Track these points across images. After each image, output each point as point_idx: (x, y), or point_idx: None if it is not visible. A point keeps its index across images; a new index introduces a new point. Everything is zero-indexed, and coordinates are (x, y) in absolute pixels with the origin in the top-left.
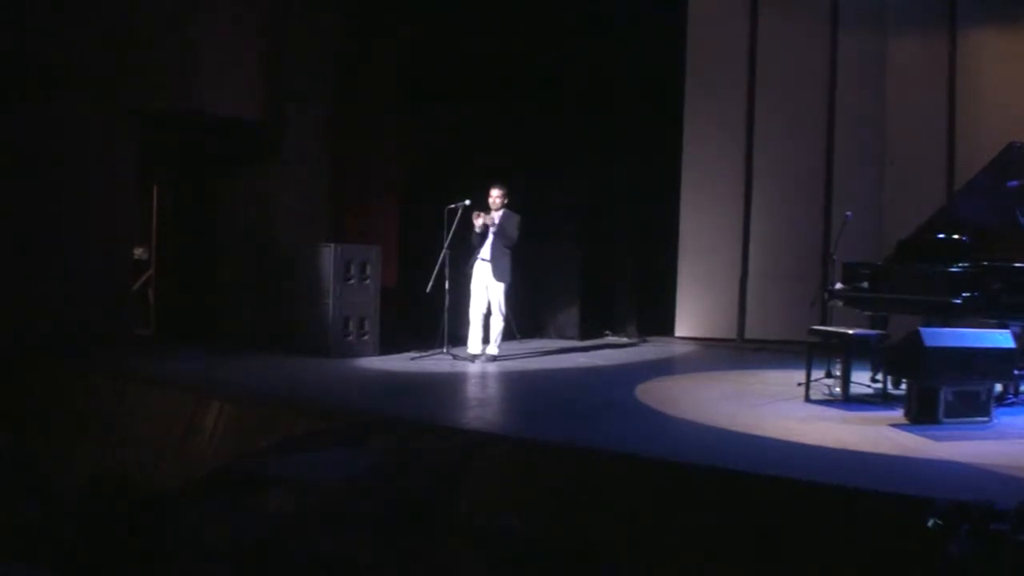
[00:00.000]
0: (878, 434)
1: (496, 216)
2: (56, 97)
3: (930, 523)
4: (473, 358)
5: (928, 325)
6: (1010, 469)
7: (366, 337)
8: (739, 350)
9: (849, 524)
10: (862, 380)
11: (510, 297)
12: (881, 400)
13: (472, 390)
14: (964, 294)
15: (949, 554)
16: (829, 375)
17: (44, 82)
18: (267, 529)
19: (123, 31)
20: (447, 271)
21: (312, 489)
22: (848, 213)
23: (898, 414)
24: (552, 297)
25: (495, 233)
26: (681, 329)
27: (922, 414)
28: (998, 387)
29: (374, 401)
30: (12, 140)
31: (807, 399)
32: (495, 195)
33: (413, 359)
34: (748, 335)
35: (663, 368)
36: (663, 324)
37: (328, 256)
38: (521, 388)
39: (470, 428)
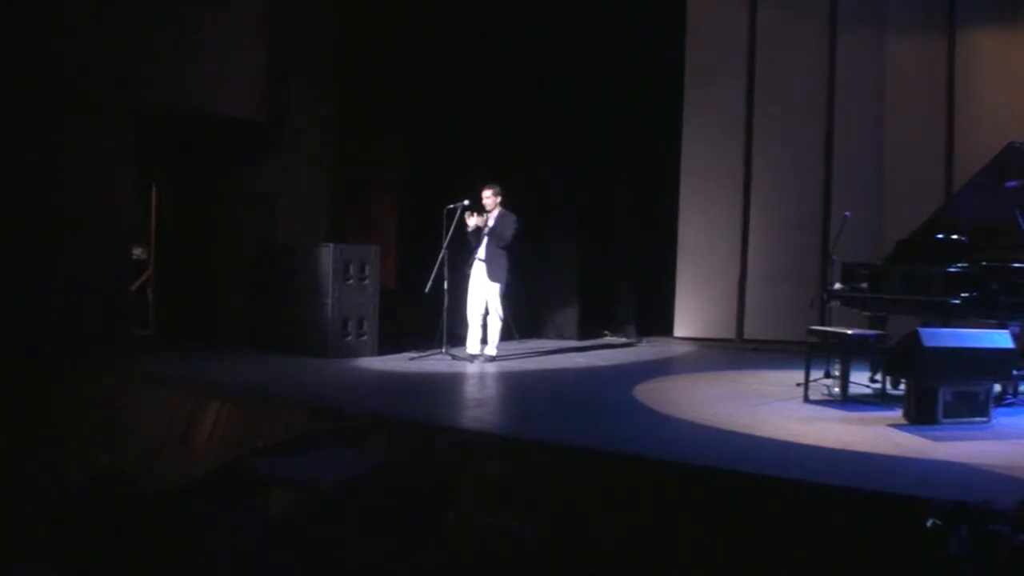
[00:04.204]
0: (877, 434)
1: (492, 217)
2: (56, 97)
3: (929, 523)
4: (472, 358)
5: (927, 325)
6: (1009, 469)
7: (365, 337)
8: (738, 350)
9: (848, 524)
10: (861, 380)
11: (506, 297)
12: (880, 400)
13: (470, 390)
14: (963, 294)
15: (948, 554)
16: (828, 375)
17: (44, 82)
18: (267, 529)
19: (123, 31)
20: (446, 271)
21: (312, 489)
22: (847, 213)
23: (897, 414)
24: (551, 297)
25: (488, 234)
26: (680, 329)
27: (921, 414)
28: (997, 387)
29: (373, 401)
30: (11, 140)
31: (806, 399)
32: (486, 195)
33: (412, 359)
34: (747, 335)
35: (662, 368)
36: (662, 324)
37: (327, 256)
38: (519, 388)
39: (468, 428)
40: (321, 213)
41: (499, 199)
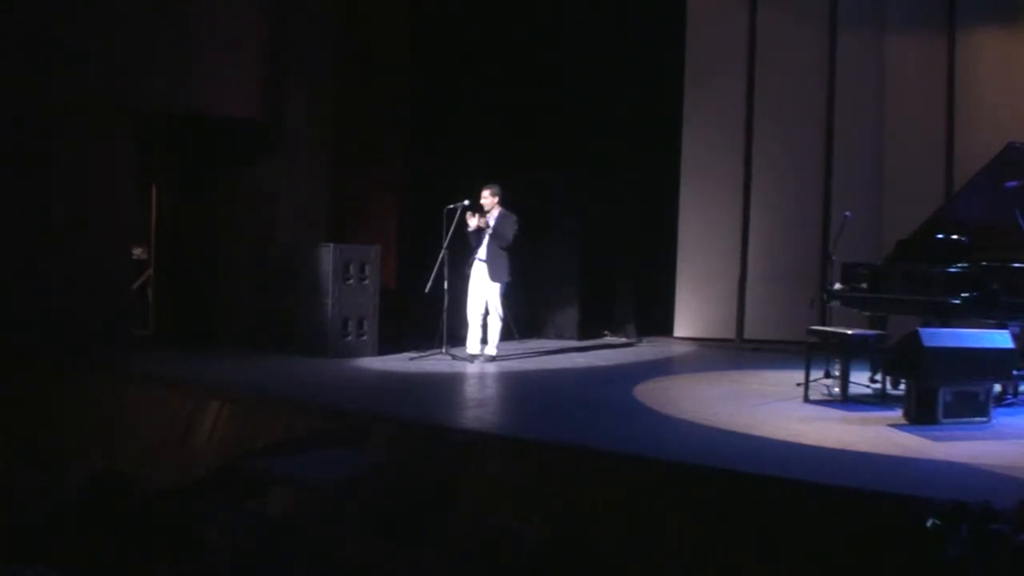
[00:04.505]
0: (877, 434)
1: (492, 217)
2: (56, 97)
3: (929, 523)
4: (472, 358)
5: (927, 325)
6: (1009, 469)
7: (365, 337)
8: (738, 350)
9: (849, 524)
10: (861, 380)
11: (507, 297)
12: (880, 400)
13: (471, 390)
14: (963, 294)
15: (948, 554)
16: (828, 375)
17: (44, 82)
18: (267, 529)
19: (123, 31)
20: (446, 271)
21: (312, 489)
22: (848, 213)
23: (897, 414)
24: (551, 297)
25: (489, 234)
26: (680, 329)
27: (921, 414)
28: (997, 387)
29: (373, 401)
30: (11, 139)
31: (806, 399)
32: (485, 195)
33: (412, 359)
34: (747, 335)
35: (662, 368)
36: (662, 324)
37: (327, 256)
38: (520, 388)
39: (468, 428)
40: (321, 213)
41: (497, 199)
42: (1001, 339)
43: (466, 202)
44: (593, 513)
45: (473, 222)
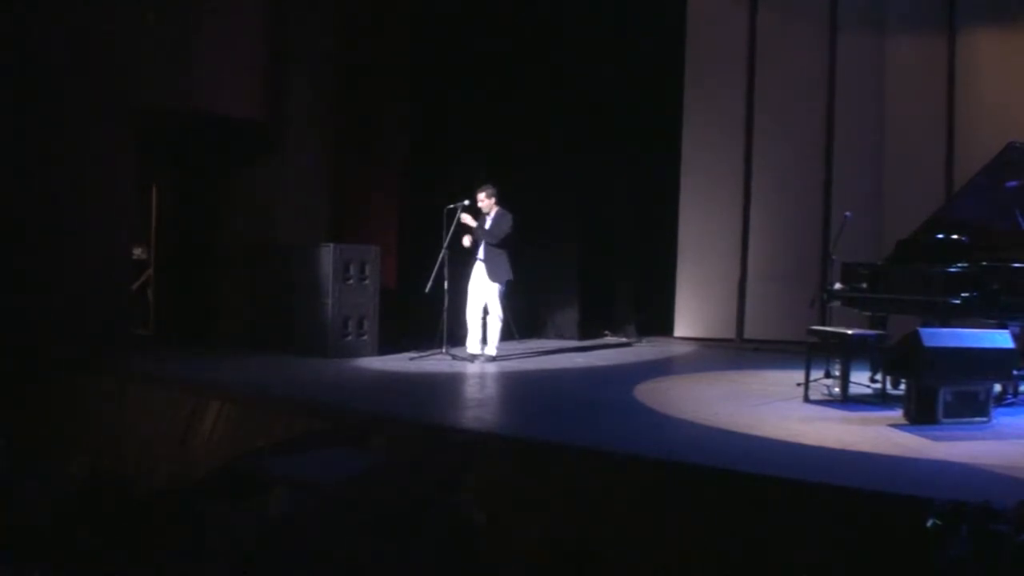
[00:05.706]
0: (877, 434)
1: (489, 218)
2: (56, 96)
3: (929, 523)
4: (472, 358)
5: (927, 325)
6: (1009, 469)
7: (365, 337)
8: (738, 350)
9: (849, 524)
10: (861, 380)
11: (506, 297)
12: (880, 400)
13: (471, 390)
14: (963, 294)
15: (948, 555)
16: (828, 375)
17: (44, 81)
18: (267, 529)
19: (123, 30)
20: (446, 271)
21: (312, 489)
22: (848, 213)
23: (897, 414)
24: (551, 297)
25: (482, 236)
26: (680, 329)
27: (921, 414)
28: (997, 387)
29: (373, 401)
30: (11, 139)
31: (806, 399)
32: (480, 198)
33: (412, 359)
34: (747, 335)
35: (662, 368)
36: (662, 324)
37: (327, 256)
38: (520, 388)
39: (469, 428)
40: (321, 213)
41: (494, 199)
42: (1001, 339)
43: (466, 202)
44: (593, 513)
45: (466, 241)
